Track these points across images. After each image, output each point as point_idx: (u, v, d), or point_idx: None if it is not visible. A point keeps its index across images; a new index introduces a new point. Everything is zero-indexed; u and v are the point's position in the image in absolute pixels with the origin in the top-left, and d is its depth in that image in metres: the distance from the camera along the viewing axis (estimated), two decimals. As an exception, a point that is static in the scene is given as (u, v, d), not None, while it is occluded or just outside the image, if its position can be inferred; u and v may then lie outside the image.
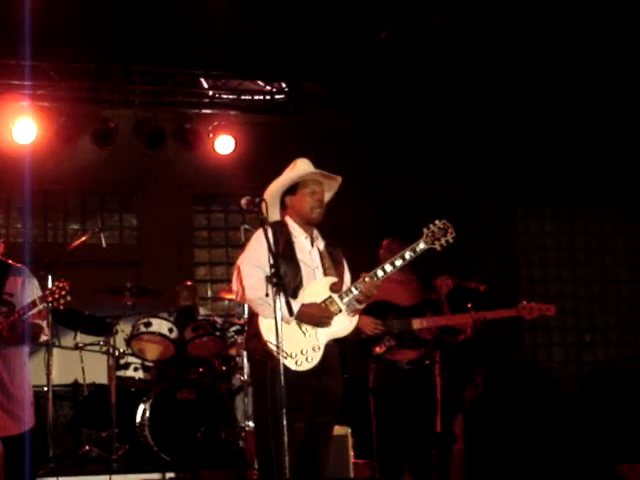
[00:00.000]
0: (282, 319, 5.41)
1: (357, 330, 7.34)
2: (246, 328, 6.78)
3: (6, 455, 6.15)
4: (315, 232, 6.00)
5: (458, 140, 13.13)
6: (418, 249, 5.88)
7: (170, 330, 9.19)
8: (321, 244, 6.00)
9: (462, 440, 2.37)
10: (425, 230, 5.91)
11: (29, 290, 6.50)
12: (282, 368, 5.20)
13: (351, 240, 5.96)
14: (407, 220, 12.22)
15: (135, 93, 11.96)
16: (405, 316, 7.41)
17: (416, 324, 7.40)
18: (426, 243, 5.88)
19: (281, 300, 5.28)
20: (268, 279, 5.38)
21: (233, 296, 6.27)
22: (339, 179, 6.11)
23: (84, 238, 9.17)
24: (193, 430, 8.56)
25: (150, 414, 8.61)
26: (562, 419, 2.29)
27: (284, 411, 5.12)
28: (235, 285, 5.80)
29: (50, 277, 7.91)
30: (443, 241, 5.92)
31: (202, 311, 10.39)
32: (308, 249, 5.87)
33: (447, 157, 13.05)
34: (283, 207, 6.02)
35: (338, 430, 7.81)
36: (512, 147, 13.25)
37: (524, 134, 13.13)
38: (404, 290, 7.61)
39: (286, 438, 5.12)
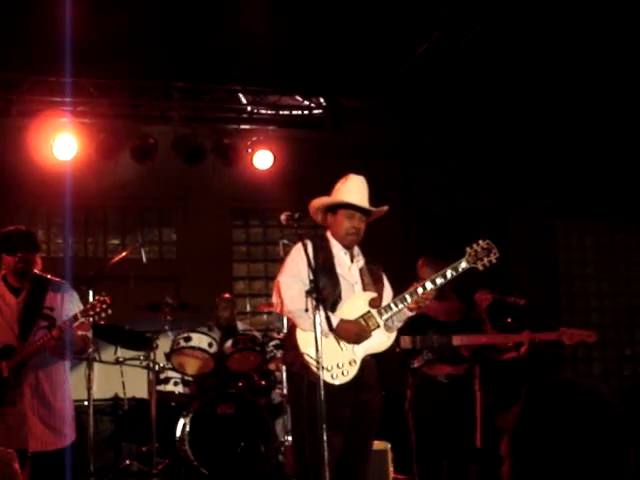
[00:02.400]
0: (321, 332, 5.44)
1: (395, 342, 7.37)
2: (284, 341, 6.80)
3: (48, 469, 6.18)
4: (356, 249, 6.04)
5: (497, 153, 13.07)
6: (460, 268, 5.86)
7: (210, 345, 9.22)
8: (361, 261, 6.03)
9: (509, 461, 2.36)
10: (468, 249, 5.89)
11: (70, 304, 6.54)
12: (322, 381, 5.22)
13: (388, 255, 5.95)
14: (445, 235, 12.21)
15: (174, 109, 12.02)
16: (445, 332, 7.39)
17: (456, 340, 7.36)
18: (468, 262, 5.86)
19: (321, 314, 5.31)
20: (308, 293, 5.41)
21: (273, 309, 6.31)
22: (384, 209, 6.12)
23: (125, 253, 9.24)
24: (233, 445, 8.58)
25: (190, 429, 8.63)
26: (606, 436, 2.28)
27: (323, 426, 5.13)
28: (275, 298, 5.84)
29: (91, 292, 7.98)
30: (486, 261, 5.90)
31: (241, 326, 10.42)
32: (348, 265, 5.91)
33: (486, 171, 13.01)
34: (325, 221, 6.07)
35: (378, 445, 7.78)
36: (552, 160, 13.18)
37: (565, 147, 13.06)
38: (445, 306, 7.58)
39: (325, 453, 5.13)
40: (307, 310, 5.38)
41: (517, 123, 12.64)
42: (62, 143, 11.00)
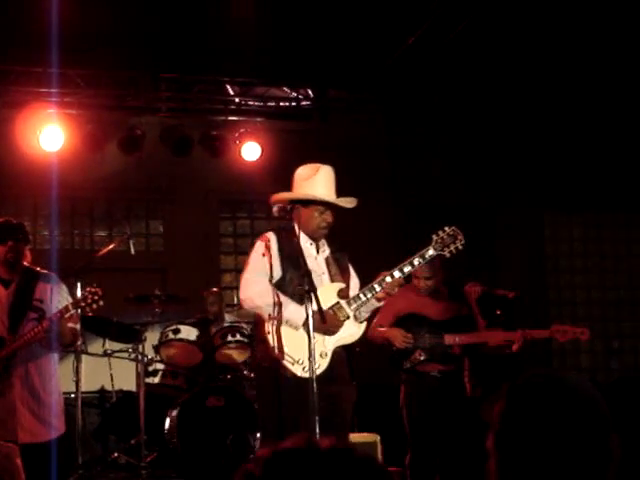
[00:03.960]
0: (290, 325, 5.42)
1: (387, 342, 7.36)
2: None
3: (35, 461, 6.13)
4: (322, 243, 5.99)
5: (484, 146, 13.07)
6: (427, 255, 5.87)
7: (198, 337, 9.19)
8: (327, 251, 5.98)
9: (495, 456, 2.36)
10: (434, 237, 5.89)
11: (59, 296, 6.54)
12: (314, 375, 5.20)
13: (374, 248, 5.94)
14: (433, 228, 12.20)
15: (162, 100, 11.98)
16: (437, 331, 7.37)
17: (448, 340, 7.36)
18: (435, 250, 5.86)
19: (311, 307, 5.28)
20: (299, 287, 5.39)
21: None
22: (355, 202, 6.08)
23: (113, 245, 9.18)
24: (222, 437, 8.55)
25: (178, 421, 8.60)
26: (589, 427, 2.29)
27: (316, 418, 5.11)
28: (242, 294, 5.78)
29: (79, 284, 7.93)
30: (452, 248, 5.91)
31: (228, 318, 10.38)
32: (314, 255, 5.86)
33: (473, 163, 13.00)
34: (291, 210, 5.95)
35: (367, 437, 7.80)
36: (539, 153, 13.19)
37: (552, 140, 13.07)
38: (436, 304, 7.57)
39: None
40: (303, 303, 5.38)
41: (504, 116, 12.64)
42: (48, 134, 10.95)
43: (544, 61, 11.02)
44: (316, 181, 5.93)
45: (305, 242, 5.84)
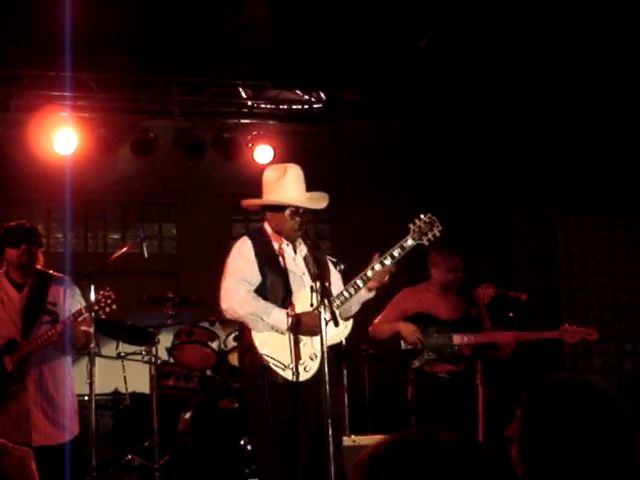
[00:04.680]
0: (275, 330, 5.40)
1: (397, 340, 7.35)
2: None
3: (50, 464, 6.14)
4: (299, 243, 5.90)
5: (496, 148, 13.05)
6: (406, 245, 5.84)
7: (211, 339, 9.22)
8: (304, 250, 5.86)
9: (521, 467, 2.36)
10: (411, 226, 5.88)
11: (72, 299, 6.58)
12: (326, 380, 5.18)
13: (385, 249, 5.89)
14: (445, 231, 12.18)
15: (174, 103, 11.98)
16: (446, 331, 7.36)
17: (457, 340, 7.34)
18: (414, 239, 5.85)
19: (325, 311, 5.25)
20: (312, 289, 5.37)
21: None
22: (326, 198, 6.03)
23: (126, 248, 9.19)
24: (235, 439, 8.56)
25: (192, 423, 8.61)
26: (611, 426, 2.29)
27: (329, 421, 5.08)
28: (223, 304, 5.68)
29: (92, 287, 7.95)
30: (430, 235, 5.90)
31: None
32: (292, 256, 5.78)
33: (486, 165, 12.98)
34: (262, 212, 5.96)
35: (375, 440, 7.78)
36: (551, 155, 13.16)
37: (564, 142, 13.04)
38: (446, 304, 7.56)
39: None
40: (312, 305, 5.36)
41: (517, 119, 12.61)
42: (62, 138, 10.97)
43: (557, 63, 10.98)
44: (285, 183, 5.85)
45: (281, 243, 5.79)
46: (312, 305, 5.47)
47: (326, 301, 5.50)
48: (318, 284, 5.28)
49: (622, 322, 14.02)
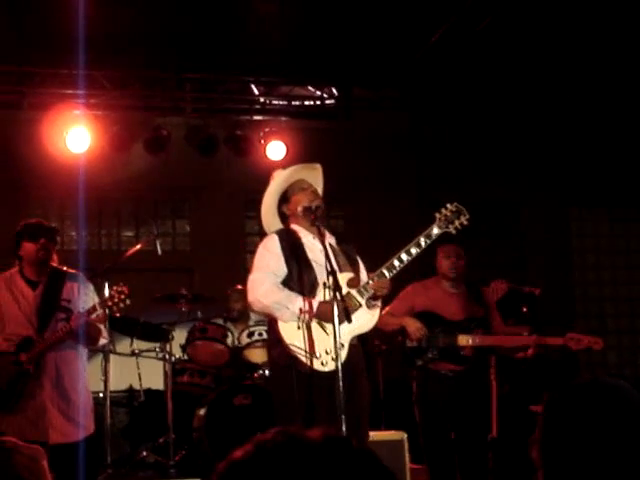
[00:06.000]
0: (301, 320, 5.42)
1: (402, 338, 7.33)
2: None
3: (66, 461, 6.19)
4: (324, 230, 5.92)
5: (509, 142, 13.04)
6: (433, 234, 5.87)
7: (225, 336, 9.23)
8: (332, 240, 5.97)
9: (541, 467, 2.35)
10: (437, 215, 5.90)
11: (86, 295, 6.60)
12: (340, 373, 5.20)
13: (401, 244, 5.90)
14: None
15: (187, 100, 12.02)
16: (451, 331, 7.34)
17: (462, 341, 7.30)
18: (440, 228, 5.86)
19: (337, 304, 5.27)
20: (323, 285, 5.40)
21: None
22: (319, 167, 6.15)
23: (140, 245, 9.22)
24: (250, 435, 8.43)
25: (207, 419, 8.62)
26: (630, 427, 2.28)
27: (342, 417, 5.10)
28: (250, 296, 5.75)
29: (107, 284, 7.98)
30: (457, 224, 5.91)
31: (254, 317, 10.39)
32: (319, 248, 5.72)
33: (499, 159, 12.98)
34: (284, 219, 6.06)
35: (394, 435, 7.78)
36: (565, 147, 13.15)
37: (578, 134, 13.02)
38: (454, 302, 7.51)
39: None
40: (325, 301, 5.39)
41: (530, 112, 12.60)
42: (75, 135, 11.00)
43: (570, 56, 10.97)
44: (275, 178, 6.20)
45: (306, 236, 5.86)
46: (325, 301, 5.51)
47: (353, 291, 5.67)
48: (331, 280, 5.30)
49: (636, 316, 13.99)
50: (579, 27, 10.18)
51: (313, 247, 5.80)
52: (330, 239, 5.97)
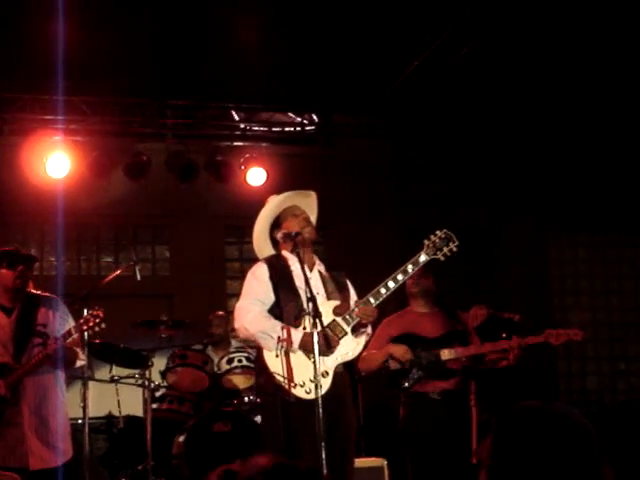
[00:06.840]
0: (279, 348, 5.41)
1: (387, 360, 7.29)
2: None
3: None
4: (314, 258, 5.99)
5: (488, 168, 13.11)
6: (420, 261, 5.86)
7: (205, 362, 9.19)
8: (321, 268, 5.98)
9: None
10: (426, 241, 5.89)
11: (62, 319, 6.59)
12: (320, 400, 5.18)
13: (380, 271, 5.92)
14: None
15: (167, 126, 12.03)
16: (433, 347, 7.31)
17: (445, 355, 7.27)
18: (428, 255, 5.86)
19: (316, 333, 5.26)
20: (304, 312, 5.40)
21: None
22: (313, 195, 6.17)
23: (120, 271, 9.18)
24: (229, 462, 8.50)
25: (186, 446, 8.57)
26: (580, 457, 2.29)
27: (322, 444, 5.08)
28: (236, 324, 5.78)
29: (85, 310, 7.93)
30: (446, 250, 5.91)
31: (234, 343, 10.36)
32: (309, 276, 5.72)
33: (477, 186, 13.04)
34: (276, 244, 6.05)
35: (374, 462, 7.75)
36: (543, 174, 13.22)
37: (555, 162, 13.10)
38: (429, 322, 7.48)
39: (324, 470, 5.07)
40: (305, 328, 5.39)
41: (507, 139, 12.66)
42: (55, 161, 11.00)
43: (547, 83, 11.06)
44: (268, 204, 6.12)
45: (295, 262, 5.79)
46: (305, 329, 5.52)
47: (339, 319, 5.67)
48: (311, 306, 5.30)
49: (615, 341, 14.03)
50: (555, 55, 10.27)
51: (301, 274, 5.73)
52: (320, 266, 6.00)
